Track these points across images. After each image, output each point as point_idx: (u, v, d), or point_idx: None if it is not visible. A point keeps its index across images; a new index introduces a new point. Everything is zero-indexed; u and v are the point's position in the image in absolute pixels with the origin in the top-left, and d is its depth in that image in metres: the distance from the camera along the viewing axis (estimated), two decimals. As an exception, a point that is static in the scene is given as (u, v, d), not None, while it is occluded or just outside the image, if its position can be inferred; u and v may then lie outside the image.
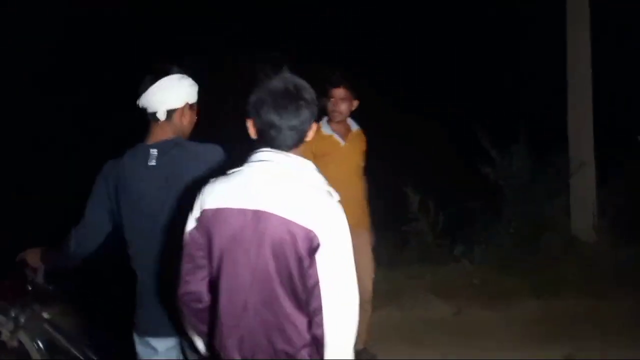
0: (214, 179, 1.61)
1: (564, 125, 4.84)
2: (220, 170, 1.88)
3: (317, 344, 1.53)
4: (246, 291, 1.52)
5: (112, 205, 2.02)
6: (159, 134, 1.98)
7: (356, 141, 3.29)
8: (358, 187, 3.31)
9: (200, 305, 1.61)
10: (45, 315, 2.63)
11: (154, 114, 1.97)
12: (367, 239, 3.31)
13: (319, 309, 1.50)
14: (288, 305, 1.51)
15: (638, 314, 3.89)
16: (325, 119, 3.23)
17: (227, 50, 6.12)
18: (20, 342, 2.56)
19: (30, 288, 2.51)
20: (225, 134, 2.17)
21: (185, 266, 1.60)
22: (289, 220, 1.49)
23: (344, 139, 3.24)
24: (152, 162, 1.93)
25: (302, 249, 1.49)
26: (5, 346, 2.55)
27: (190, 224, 1.59)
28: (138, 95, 1.99)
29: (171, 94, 1.96)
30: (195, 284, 1.59)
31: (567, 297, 4.08)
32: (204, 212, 1.55)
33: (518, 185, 4.77)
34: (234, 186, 1.55)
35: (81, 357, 2.64)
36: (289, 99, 1.55)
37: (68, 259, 2.22)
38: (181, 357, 2.08)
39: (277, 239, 1.49)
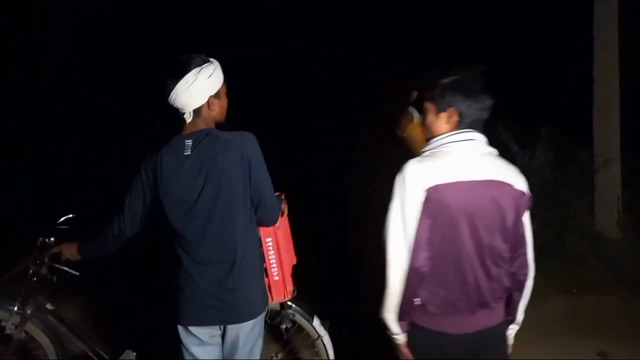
0: (417, 160, 1.82)
1: (589, 119, 4.72)
2: (254, 155, 1.99)
3: (513, 285, 1.89)
4: (479, 250, 1.79)
5: (151, 196, 2.07)
6: (191, 127, 2.03)
7: (414, 132, 3.01)
8: None
9: (424, 276, 1.79)
10: (49, 306, 2.61)
11: (182, 114, 2.02)
12: None
13: (521, 254, 1.86)
14: (506, 257, 1.83)
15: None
16: None
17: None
18: (27, 334, 2.52)
19: (34, 279, 2.49)
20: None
21: (419, 239, 1.76)
22: (511, 186, 1.79)
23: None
24: (187, 152, 1.99)
25: (521, 208, 1.82)
26: (11, 339, 2.50)
27: (416, 200, 1.75)
28: (164, 96, 2.01)
29: (191, 95, 1.98)
30: (424, 255, 1.77)
31: (595, 295, 3.97)
32: (432, 189, 1.74)
33: (541, 181, 4.67)
34: (455, 162, 1.79)
35: (85, 348, 2.63)
36: (487, 92, 1.84)
37: (106, 247, 2.25)
38: (218, 343, 2.13)
39: (504, 203, 1.78)
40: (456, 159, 1.81)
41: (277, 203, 2.18)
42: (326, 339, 2.56)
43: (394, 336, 1.92)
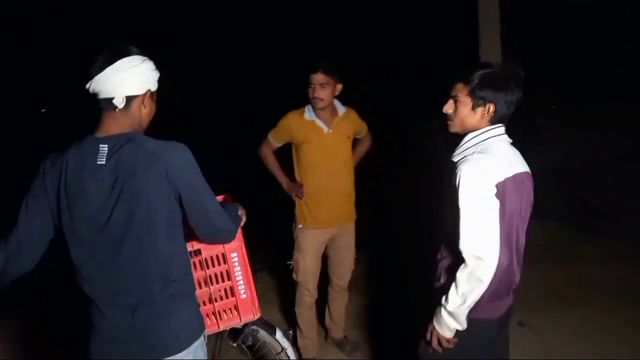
0: (477, 158, 1.84)
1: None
2: (184, 171, 1.65)
3: None
4: (518, 240, 1.93)
5: (53, 210, 1.68)
6: (112, 126, 1.67)
7: (343, 125, 3.09)
8: (346, 177, 3.13)
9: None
10: None
11: (110, 100, 1.64)
12: (353, 234, 3.23)
13: None
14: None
15: (556, 281, 4.30)
16: (310, 105, 3.05)
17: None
18: None
19: None
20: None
21: (501, 234, 1.81)
22: (530, 175, 1.96)
23: (329, 125, 3.04)
24: (101, 161, 1.62)
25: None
26: None
27: (493, 196, 1.80)
28: (88, 76, 1.63)
29: (132, 78, 1.66)
30: (505, 249, 1.84)
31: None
32: (501, 183, 1.81)
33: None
34: (504, 156, 1.87)
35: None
36: (522, 87, 1.89)
37: None
38: None
39: (532, 192, 1.96)
40: (504, 154, 1.89)
41: (227, 218, 1.85)
42: (290, 350, 2.48)
43: (458, 329, 1.92)
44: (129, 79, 1.65)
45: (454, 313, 1.88)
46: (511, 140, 1.98)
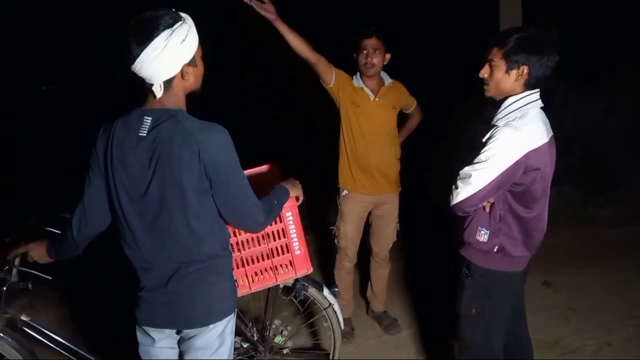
0: (515, 122, 1.89)
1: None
2: (217, 155, 1.64)
3: None
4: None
5: (103, 177, 1.74)
6: (156, 102, 1.68)
7: (389, 95, 3.08)
8: (390, 146, 3.15)
9: None
10: (25, 317, 2.24)
11: (151, 85, 1.65)
12: (396, 205, 3.25)
13: None
14: None
15: (573, 243, 4.43)
16: (358, 73, 3.05)
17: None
18: (-2, 353, 2.14)
19: (4, 289, 2.14)
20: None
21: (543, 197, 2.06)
22: (554, 138, 2.03)
23: (375, 93, 3.05)
24: (143, 132, 1.65)
25: None
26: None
27: (514, 156, 1.87)
28: (127, 62, 1.63)
29: (160, 65, 1.62)
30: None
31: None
32: (536, 150, 1.89)
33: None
34: (544, 120, 1.97)
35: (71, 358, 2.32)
36: (557, 50, 1.91)
37: (69, 250, 1.92)
38: (175, 346, 1.89)
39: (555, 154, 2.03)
40: (542, 119, 1.96)
41: (257, 207, 1.80)
42: (336, 306, 2.56)
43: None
44: (157, 68, 1.62)
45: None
46: (542, 105, 2.00)
